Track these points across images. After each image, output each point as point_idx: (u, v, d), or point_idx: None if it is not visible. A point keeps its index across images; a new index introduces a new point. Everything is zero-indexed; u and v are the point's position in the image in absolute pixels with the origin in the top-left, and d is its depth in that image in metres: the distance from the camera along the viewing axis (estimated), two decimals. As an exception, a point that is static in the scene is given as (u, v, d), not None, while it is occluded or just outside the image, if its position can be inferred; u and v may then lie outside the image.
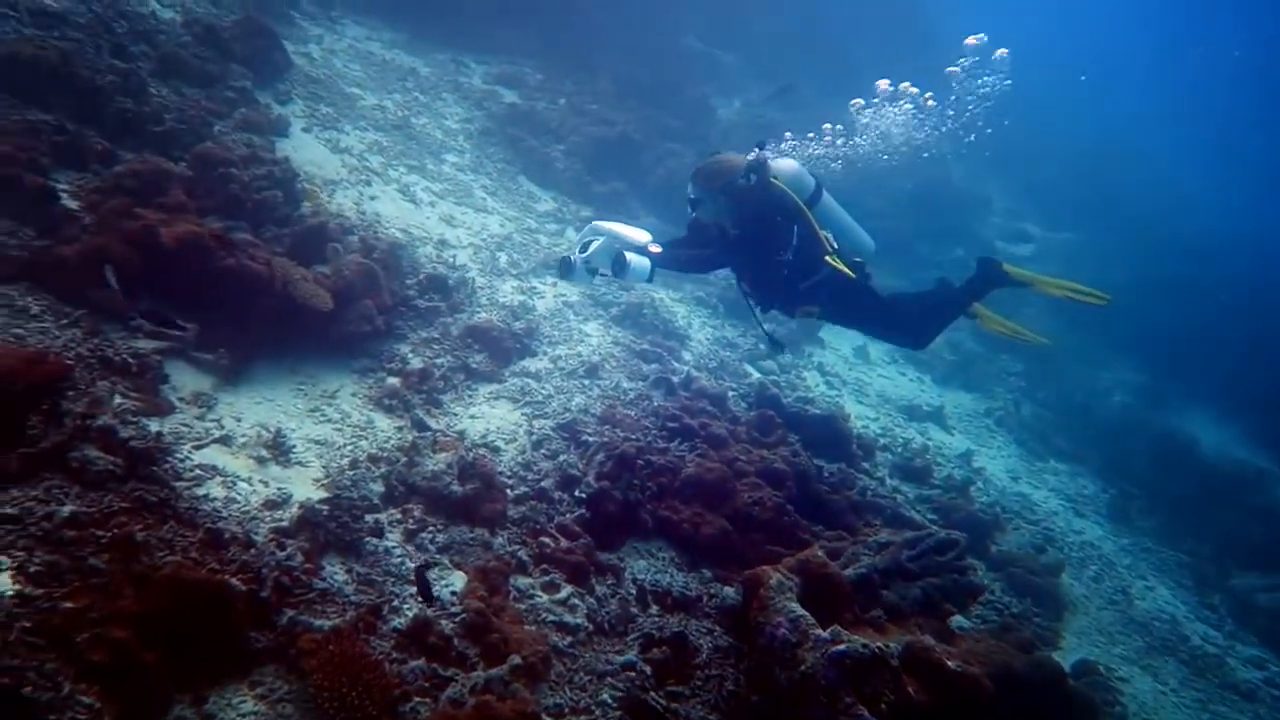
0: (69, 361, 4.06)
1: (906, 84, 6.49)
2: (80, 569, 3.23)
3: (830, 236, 5.17)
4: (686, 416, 7.09)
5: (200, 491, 4.23)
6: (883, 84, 6.63)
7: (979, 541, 8.07)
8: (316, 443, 5.34)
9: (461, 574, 4.74)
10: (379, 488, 5.11)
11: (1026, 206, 22.87)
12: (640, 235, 4.84)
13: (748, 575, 5.08)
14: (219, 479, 4.44)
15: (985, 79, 6.67)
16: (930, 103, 6.50)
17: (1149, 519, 11.30)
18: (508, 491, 5.57)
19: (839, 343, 12.47)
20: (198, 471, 4.37)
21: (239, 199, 6.44)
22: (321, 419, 5.63)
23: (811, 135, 6.68)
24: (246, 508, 4.34)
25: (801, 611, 4.65)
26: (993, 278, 5.91)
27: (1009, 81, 6.69)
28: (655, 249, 4.82)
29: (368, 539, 4.58)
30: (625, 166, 13.57)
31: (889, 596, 5.54)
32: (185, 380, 5.16)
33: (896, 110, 6.38)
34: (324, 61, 12.26)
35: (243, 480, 4.56)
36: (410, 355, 6.78)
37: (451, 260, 8.60)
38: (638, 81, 16.60)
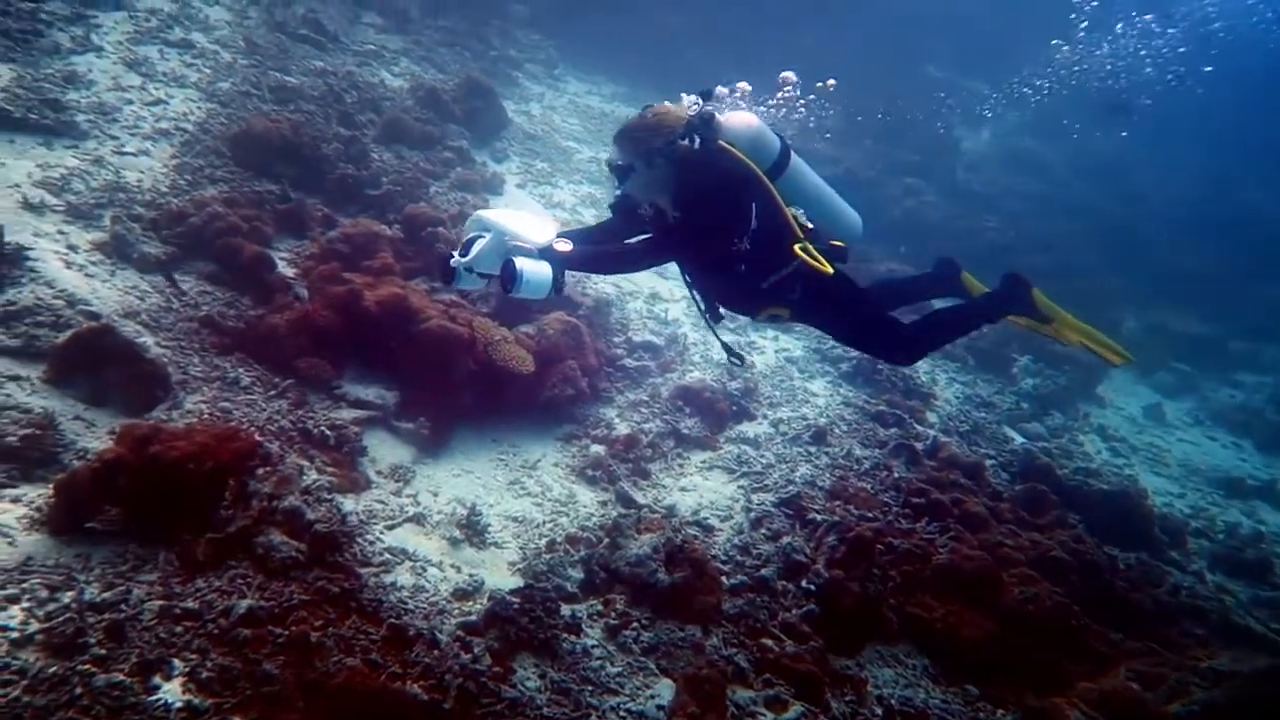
0: (259, 438, 4.07)
1: None
2: (253, 674, 3.08)
3: (801, 216, 3.95)
4: (935, 491, 6.41)
5: (388, 579, 4.07)
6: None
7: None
8: (514, 520, 5.13)
9: (669, 682, 4.26)
10: (578, 574, 4.79)
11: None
12: (542, 229, 3.60)
13: (1034, 708, 4.25)
14: (408, 564, 4.29)
15: None
16: None
17: None
18: (723, 580, 5.10)
19: (1123, 400, 10.96)
20: (387, 556, 4.24)
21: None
22: (521, 492, 5.44)
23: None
24: (435, 598, 4.13)
25: (1113, 769, 3.75)
26: (1016, 301, 4.59)
27: None
28: (563, 247, 3.55)
29: (564, 636, 4.22)
30: (857, 206, 12.94)
31: (1238, 749, 4.42)
32: (384, 452, 5.16)
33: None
34: (543, 118, 12.78)
35: (433, 565, 4.38)
36: (616, 420, 6.53)
37: (663, 315, 8.32)
38: (869, 115, 16.06)
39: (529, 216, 3.62)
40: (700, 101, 3.87)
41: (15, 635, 2.83)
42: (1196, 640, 5.57)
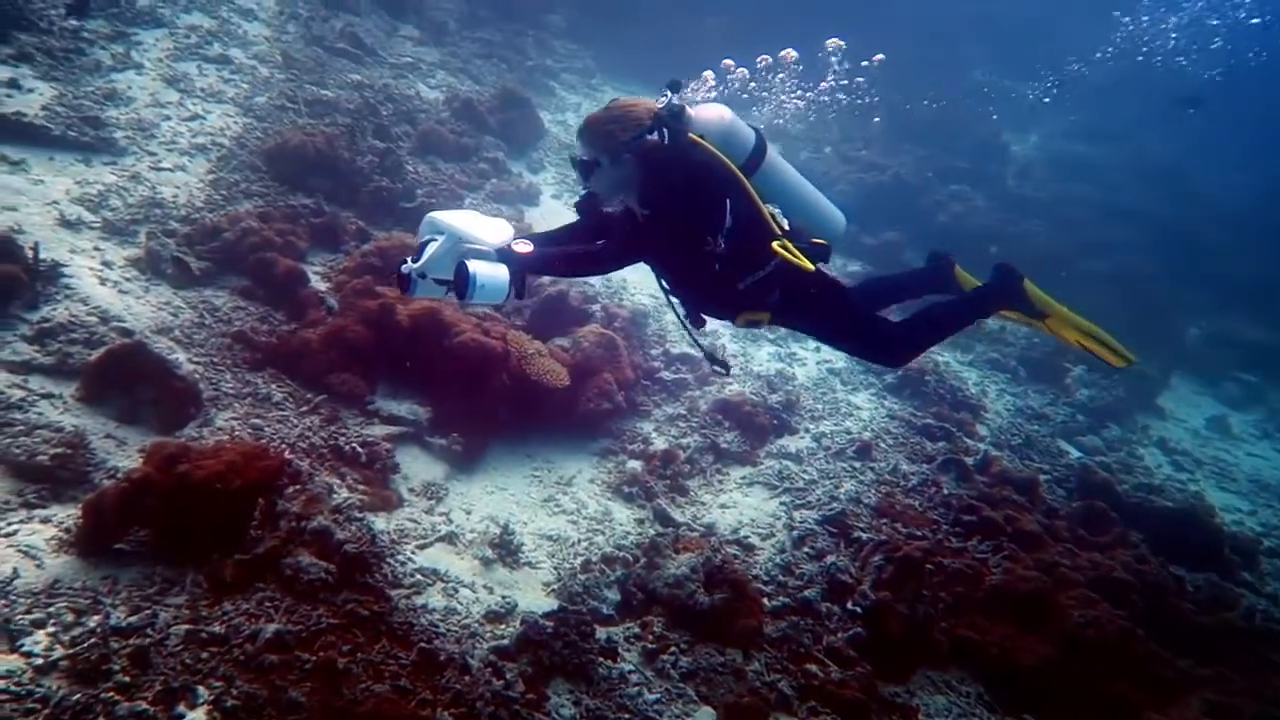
0: (289, 455, 4.04)
1: None
2: (278, 701, 3.01)
3: (778, 213, 3.73)
4: (986, 508, 6.25)
5: (419, 601, 4.01)
6: None
7: None
8: (549, 539, 5.05)
9: (709, 710, 4.14)
10: (614, 595, 4.70)
11: None
12: (497, 230, 3.40)
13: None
14: (440, 585, 4.23)
15: None
16: None
17: None
18: (764, 602, 4.97)
19: (1185, 411, 10.55)
20: (418, 577, 4.18)
21: (479, 271, 6.51)
22: (556, 510, 5.37)
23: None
24: (466, 620, 4.06)
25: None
26: (1008, 294, 4.34)
27: None
28: (522, 248, 3.36)
29: (599, 661, 4.12)
30: (900, 214, 13.10)
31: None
32: (417, 469, 5.11)
33: None
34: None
35: (465, 586, 4.31)
36: (654, 434, 6.44)
37: (701, 325, 8.22)
38: (914, 122, 16.00)
39: (485, 217, 3.43)
40: (670, 92, 3.64)
41: (39, 661, 2.80)
42: (1275, 668, 5.31)
